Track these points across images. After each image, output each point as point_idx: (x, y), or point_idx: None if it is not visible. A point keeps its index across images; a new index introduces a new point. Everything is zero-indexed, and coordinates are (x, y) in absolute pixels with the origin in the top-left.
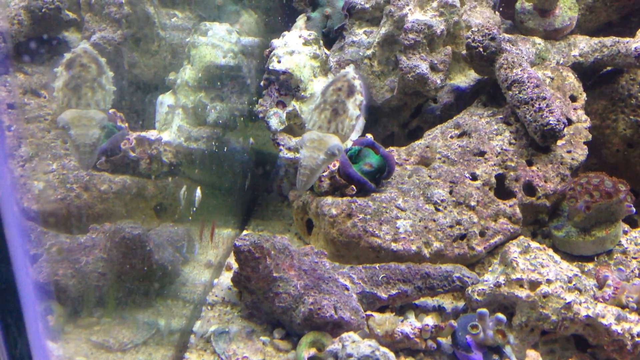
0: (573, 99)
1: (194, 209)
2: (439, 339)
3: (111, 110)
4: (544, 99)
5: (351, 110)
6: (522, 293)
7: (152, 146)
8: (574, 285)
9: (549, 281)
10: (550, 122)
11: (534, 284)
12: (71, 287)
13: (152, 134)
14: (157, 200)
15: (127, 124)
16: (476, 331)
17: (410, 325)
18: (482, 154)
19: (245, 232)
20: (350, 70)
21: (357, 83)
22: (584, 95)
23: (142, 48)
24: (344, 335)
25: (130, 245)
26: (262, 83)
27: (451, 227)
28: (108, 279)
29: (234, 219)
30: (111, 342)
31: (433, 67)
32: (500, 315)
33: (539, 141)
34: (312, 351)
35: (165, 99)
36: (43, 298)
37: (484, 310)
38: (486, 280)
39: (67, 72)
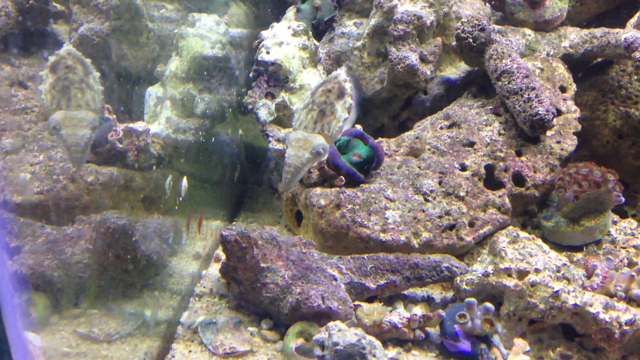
0: (563, 89)
1: (180, 199)
2: (427, 328)
3: None
4: (533, 89)
5: (339, 112)
6: (510, 282)
7: (139, 138)
8: (562, 274)
9: (537, 270)
10: (540, 112)
11: (522, 273)
12: (56, 278)
13: (139, 126)
14: (144, 192)
15: (114, 116)
16: (464, 320)
17: (398, 315)
18: (471, 144)
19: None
20: (341, 72)
21: (348, 86)
22: (574, 86)
23: (130, 40)
24: (330, 324)
25: (116, 236)
26: (251, 74)
27: (440, 217)
28: (94, 270)
29: (223, 211)
30: (97, 333)
31: (423, 59)
32: (488, 305)
33: (528, 131)
34: (300, 341)
35: (154, 91)
36: (26, 289)
37: (472, 299)
38: (475, 270)
39: (53, 74)
